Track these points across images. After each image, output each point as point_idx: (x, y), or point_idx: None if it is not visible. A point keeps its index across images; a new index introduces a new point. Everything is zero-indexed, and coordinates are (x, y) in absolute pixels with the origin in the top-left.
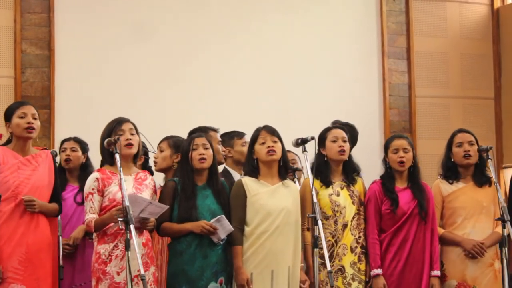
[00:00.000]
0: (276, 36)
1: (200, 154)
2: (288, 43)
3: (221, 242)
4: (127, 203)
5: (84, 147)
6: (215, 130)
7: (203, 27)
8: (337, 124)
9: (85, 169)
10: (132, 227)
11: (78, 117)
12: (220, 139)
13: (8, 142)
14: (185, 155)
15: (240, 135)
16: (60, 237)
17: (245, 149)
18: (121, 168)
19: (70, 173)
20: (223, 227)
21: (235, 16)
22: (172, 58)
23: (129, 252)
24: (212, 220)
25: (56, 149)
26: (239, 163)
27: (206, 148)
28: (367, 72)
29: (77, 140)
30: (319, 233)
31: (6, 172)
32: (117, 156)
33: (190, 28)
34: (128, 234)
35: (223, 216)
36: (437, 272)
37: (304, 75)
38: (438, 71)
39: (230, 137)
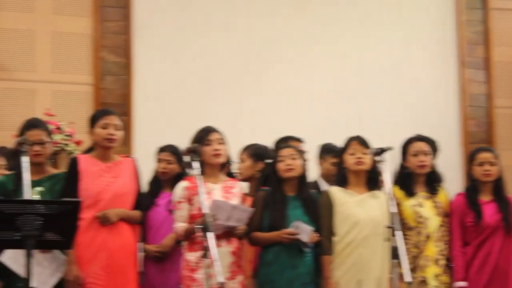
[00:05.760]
0: (352, 45)
1: (287, 165)
2: (364, 52)
3: (308, 250)
4: (206, 210)
5: (179, 158)
6: (298, 140)
7: (279, 36)
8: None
9: (180, 178)
10: (210, 234)
11: (156, 124)
12: (302, 149)
13: (91, 149)
14: (272, 165)
15: (331, 153)
16: (141, 243)
17: (333, 168)
18: (201, 176)
19: (165, 180)
20: (302, 229)
21: (311, 25)
22: (249, 66)
23: (207, 259)
24: (291, 225)
25: (134, 155)
26: (326, 178)
27: (294, 159)
28: (445, 82)
29: (173, 151)
30: (397, 244)
31: (87, 179)
32: (196, 164)
33: (266, 36)
34: (206, 242)
35: (298, 221)
36: None
37: (380, 85)
38: None
39: (325, 151)
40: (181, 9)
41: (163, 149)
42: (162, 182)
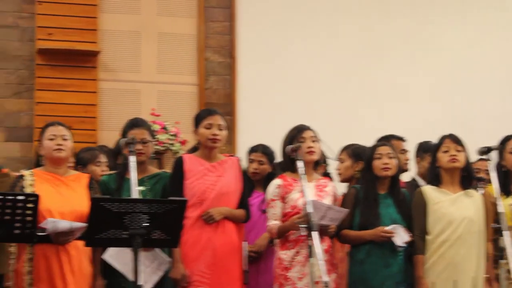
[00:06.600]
0: (454, 43)
1: (384, 164)
2: (466, 50)
3: (401, 249)
4: (309, 210)
5: (271, 158)
6: (401, 139)
7: (379, 36)
8: None
9: (271, 177)
10: (314, 234)
11: (260, 124)
12: (404, 148)
13: (195, 149)
14: (368, 163)
15: (430, 152)
16: (245, 242)
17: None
18: (303, 175)
19: (257, 180)
20: (399, 233)
21: (411, 23)
22: (354, 64)
23: (312, 258)
24: (390, 227)
25: (238, 154)
26: (424, 176)
27: (391, 157)
28: None
29: (265, 152)
30: (504, 244)
31: (192, 178)
32: (299, 163)
33: (367, 36)
34: (311, 241)
35: (399, 225)
36: None
37: (482, 83)
38: None
39: (423, 150)
40: (285, 10)
41: (254, 149)
42: (254, 181)
